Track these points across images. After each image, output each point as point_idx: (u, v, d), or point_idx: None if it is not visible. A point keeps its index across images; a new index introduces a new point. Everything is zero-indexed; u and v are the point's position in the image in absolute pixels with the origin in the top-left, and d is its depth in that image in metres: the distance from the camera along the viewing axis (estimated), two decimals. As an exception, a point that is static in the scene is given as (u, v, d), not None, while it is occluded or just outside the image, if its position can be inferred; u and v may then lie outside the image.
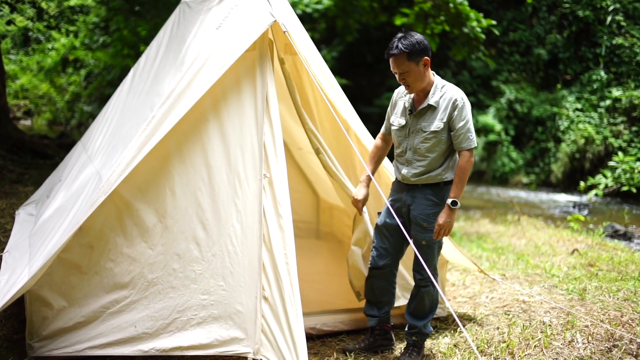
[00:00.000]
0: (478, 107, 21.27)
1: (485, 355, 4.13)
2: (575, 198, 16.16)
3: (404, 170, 4.12)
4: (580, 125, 18.34)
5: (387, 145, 4.41)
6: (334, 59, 20.66)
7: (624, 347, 4.15)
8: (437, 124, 3.96)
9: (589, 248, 8.08)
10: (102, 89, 26.67)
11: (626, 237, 10.37)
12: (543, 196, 16.78)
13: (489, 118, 20.34)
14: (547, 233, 9.53)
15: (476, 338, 4.51)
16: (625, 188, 15.32)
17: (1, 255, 4.81)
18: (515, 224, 10.68)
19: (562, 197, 16.47)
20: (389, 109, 4.36)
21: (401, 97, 4.24)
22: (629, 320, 4.65)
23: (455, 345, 4.45)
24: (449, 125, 3.96)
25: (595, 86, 19.20)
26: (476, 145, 3.98)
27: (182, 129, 3.92)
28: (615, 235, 10.40)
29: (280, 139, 3.94)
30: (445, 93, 3.97)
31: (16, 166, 10.51)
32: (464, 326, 4.90)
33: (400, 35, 3.92)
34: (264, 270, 3.79)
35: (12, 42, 31.21)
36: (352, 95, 4.43)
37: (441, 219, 3.97)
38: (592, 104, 18.97)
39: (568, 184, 17.93)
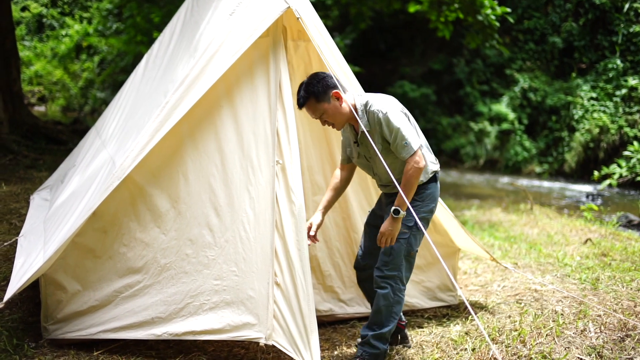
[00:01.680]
0: (491, 95, 21.19)
1: (496, 343, 4.13)
2: (588, 188, 16.07)
3: (382, 190, 4.12)
4: (595, 115, 18.21)
5: (347, 174, 4.25)
6: (347, 47, 20.63)
7: (637, 336, 4.13)
8: (378, 146, 3.81)
9: (602, 238, 8.03)
10: (115, 75, 26.77)
11: (640, 227, 10.31)
12: (556, 185, 16.70)
13: (502, 107, 20.26)
14: (560, 222, 9.48)
15: (487, 326, 4.51)
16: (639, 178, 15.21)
17: (17, 239, 4.85)
18: (528, 213, 10.63)
19: (575, 187, 16.39)
20: (342, 139, 4.23)
21: (345, 129, 4.15)
22: (642, 310, 4.63)
23: (466, 333, 4.45)
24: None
25: (611, 75, 19.02)
26: (416, 148, 3.68)
27: (196, 115, 3.92)
28: (629, 225, 10.34)
29: (293, 126, 3.94)
30: (369, 113, 3.80)
31: (30, 152, 10.60)
32: (475, 314, 4.89)
33: (301, 83, 3.89)
34: (276, 257, 3.81)
35: (26, 28, 31.36)
36: (364, 83, 4.40)
37: (383, 226, 3.80)
38: (607, 92, 18.81)
39: (581, 174, 17.84)
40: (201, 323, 3.79)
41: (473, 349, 4.10)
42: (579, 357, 3.89)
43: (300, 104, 3.85)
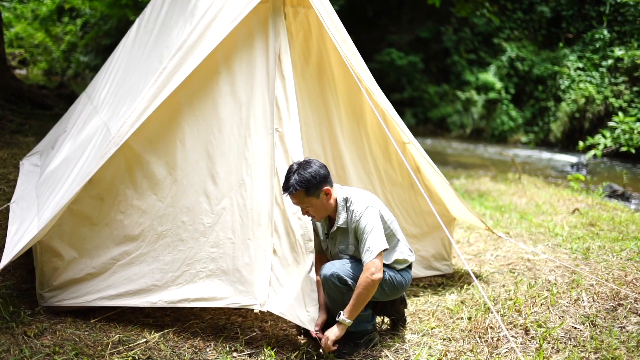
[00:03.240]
0: (479, 64, 21.14)
1: (492, 313, 4.16)
2: (573, 158, 16.17)
3: None
4: (581, 85, 18.25)
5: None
6: (335, 13, 20.37)
7: (629, 306, 4.18)
8: (351, 246, 3.76)
9: (590, 208, 8.11)
10: (98, 39, 26.41)
11: (624, 197, 10.42)
12: (541, 155, 16.79)
13: (489, 76, 20.23)
14: (548, 192, 9.55)
15: (483, 295, 4.53)
16: (624, 149, 15.31)
17: (8, 205, 4.79)
18: (516, 183, 10.70)
19: (561, 157, 16.49)
20: (314, 226, 4.00)
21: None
22: (633, 280, 4.68)
23: (462, 302, 4.49)
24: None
25: (597, 45, 19.03)
26: (376, 254, 3.51)
27: (193, 82, 3.87)
28: (613, 195, 10.45)
29: (292, 94, 3.90)
30: (349, 211, 3.71)
31: (16, 116, 10.43)
32: (470, 283, 4.94)
33: (295, 167, 3.60)
34: (274, 225, 3.80)
35: (6, -11, 30.69)
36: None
37: (329, 331, 3.58)
38: (593, 63, 18.84)
39: (567, 144, 17.93)
40: (197, 290, 3.79)
41: (469, 318, 4.14)
42: (573, 326, 3.94)
43: (288, 192, 3.59)
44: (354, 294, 3.55)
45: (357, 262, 3.72)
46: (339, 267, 3.62)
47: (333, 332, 3.55)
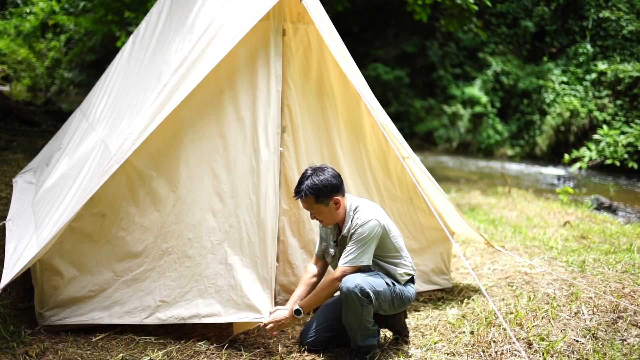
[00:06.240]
0: (464, 78, 21.32)
1: (494, 326, 4.16)
2: (559, 171, 16.31)
3: None
4: (566, 98, 18.45)
5: (321, 270, 4.10)
6: (321, 28, 20.44)
7: (628, 318, 4.21)
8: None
9: (580, 220, 8.18)
10: (83, 55, 26.30)
11: (611, 209, 10.52)
12: (527, 168, 16.92)
13: (475, 90, 20.40)
14: (538, 205, 9.61)
15: (484, 309, 4.54)
16: (609, 161, 15.49)
17: (4, 223, 4.74)
18: (506, 196, 10.75)
19: (547, 170, 16.63)
20: (320, 233, 4.11)
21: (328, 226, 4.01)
22: (631, 292, 4.72)
23: (463, 316, 4.48)
24: None
25: (581, 59, 19.29)
26: (350, 267, 3.66)
27: (196, 99, 3.87)
28: (600, 207, 10.55)
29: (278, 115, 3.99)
30: (353, 219, 3.75)
31: (3, 133, 10.34)
32: (469, 297, 4.94)
33: (309, 173, 3.70)
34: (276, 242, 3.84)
35: (-12, 5, 30.58)
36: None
37: (279, 314, 3.76)
38: (577, 77, 19.08)
39: (552, 157, 18.11)
40: (207, 306, 3.80)
41: (472, 332, 4.14)
42: (575, 339, 3.96)
43: (298, 197, 3.70)
44: (314, 292, 3.77)
45: (375, 274, 3.76)
46: (361, 279, 3.61)
47: (287, 324, 3.79)
